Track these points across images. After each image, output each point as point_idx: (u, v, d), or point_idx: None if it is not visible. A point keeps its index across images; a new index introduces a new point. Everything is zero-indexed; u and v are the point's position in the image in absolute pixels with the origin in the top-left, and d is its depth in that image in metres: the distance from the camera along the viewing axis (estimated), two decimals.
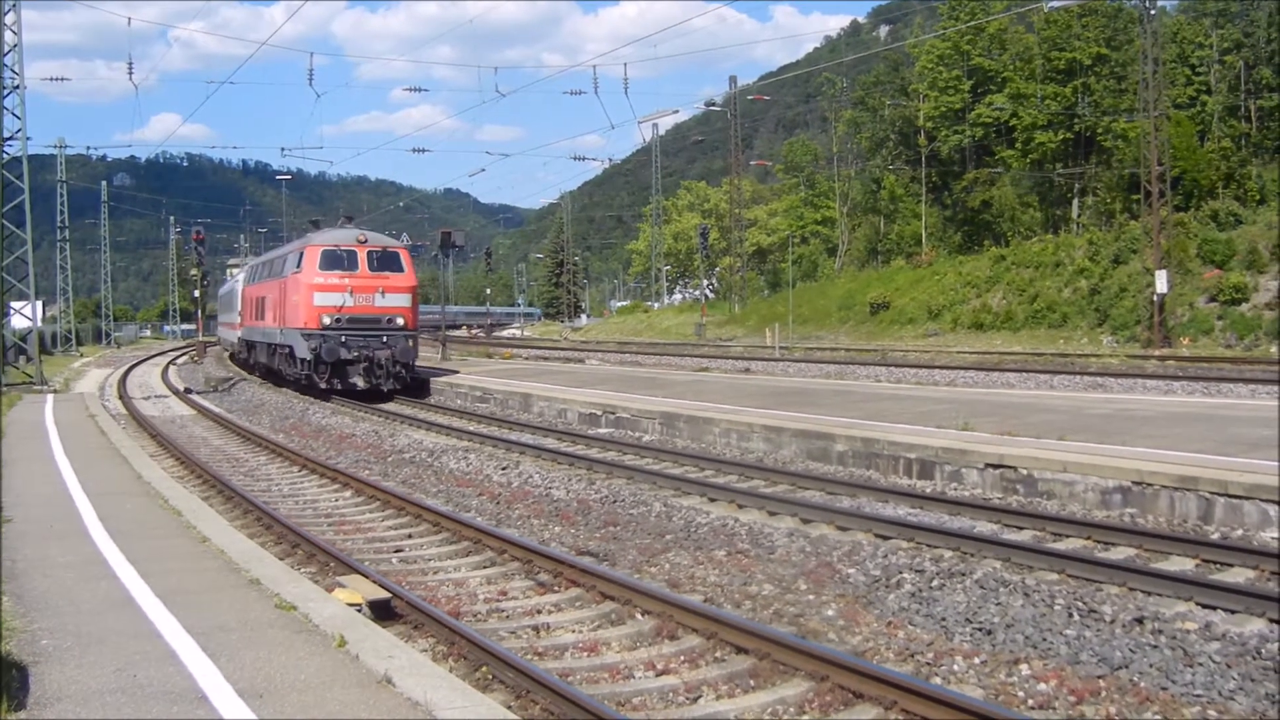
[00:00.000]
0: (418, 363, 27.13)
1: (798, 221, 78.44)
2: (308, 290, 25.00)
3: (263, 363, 32.11)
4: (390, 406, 23.77)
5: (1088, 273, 44.55)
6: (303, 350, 25.18)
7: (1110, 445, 12.01)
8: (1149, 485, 10.32)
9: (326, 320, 24.67)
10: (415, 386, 26.34)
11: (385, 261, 25.72)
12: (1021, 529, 9.99)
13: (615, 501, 11.77)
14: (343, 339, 24.57)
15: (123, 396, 27.55)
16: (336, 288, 24.89)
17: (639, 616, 7.51)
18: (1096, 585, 7.96)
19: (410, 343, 25.36)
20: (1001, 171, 59.43)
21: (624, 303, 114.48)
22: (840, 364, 33.60)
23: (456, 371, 29.96)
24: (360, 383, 24.78)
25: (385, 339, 25.02)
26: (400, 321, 25.31)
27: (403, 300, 25.62)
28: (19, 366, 30.43)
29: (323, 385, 24.95)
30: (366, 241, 25.83)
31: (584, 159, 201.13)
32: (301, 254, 25.98)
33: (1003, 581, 7.99)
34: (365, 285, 25.13)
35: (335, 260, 25.25)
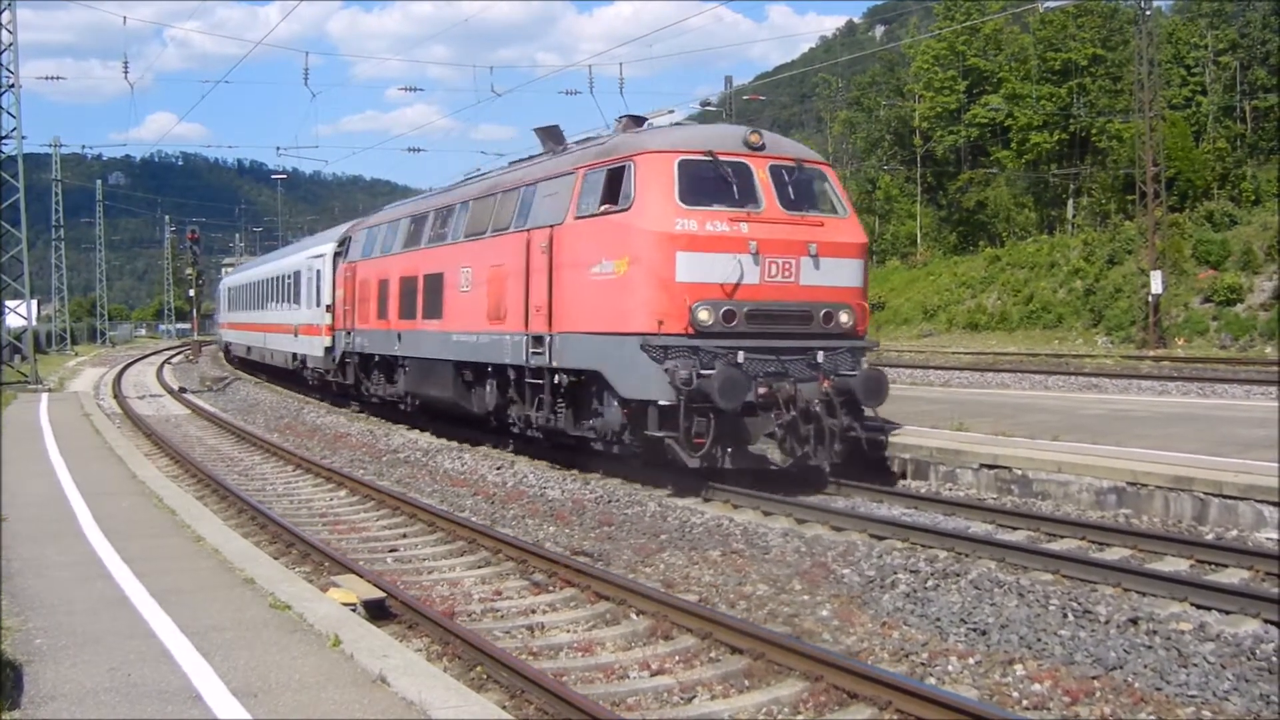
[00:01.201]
0: None
1: None
2: (659, 246, 11.48)
3: (431, 396, 17.89)
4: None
5: (1083, 273, 44.67)
6: (645, 384, 11.48)
7: (1105, 446, 12.03)
8: (1143, 486, 10.35)
9: (703, 315, 11.33)
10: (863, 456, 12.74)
11: (804, 190, 12.52)
12: (1016, 529, 10.01)
13: (610, 501, 11.76)
14: (739, 357, 11.46)
15: (118, 396, 27.49)
16: (725, 241, 11.54)
17: (634, 616, 7.51)
18: (1091, 586, 7.97)
19: (862, 361, 12.42)
20: (997, 172, 59.48)
21: None
22: None
23: None
24: (776, 456, 11.56)
25: (820, 358, 11.94)
26: (845, 320, 12.19)
27: (850, 273, 12.44)
28: (14, 365, 30.35)
29: (693, 462, 11.33)
30: (764, 148, 12.29)
31: None
32: (624, 169, 12.10)
33: (997, 582, 8.00)
34: (780, 240, 11.80)
35: (713, 185, 11.87)
